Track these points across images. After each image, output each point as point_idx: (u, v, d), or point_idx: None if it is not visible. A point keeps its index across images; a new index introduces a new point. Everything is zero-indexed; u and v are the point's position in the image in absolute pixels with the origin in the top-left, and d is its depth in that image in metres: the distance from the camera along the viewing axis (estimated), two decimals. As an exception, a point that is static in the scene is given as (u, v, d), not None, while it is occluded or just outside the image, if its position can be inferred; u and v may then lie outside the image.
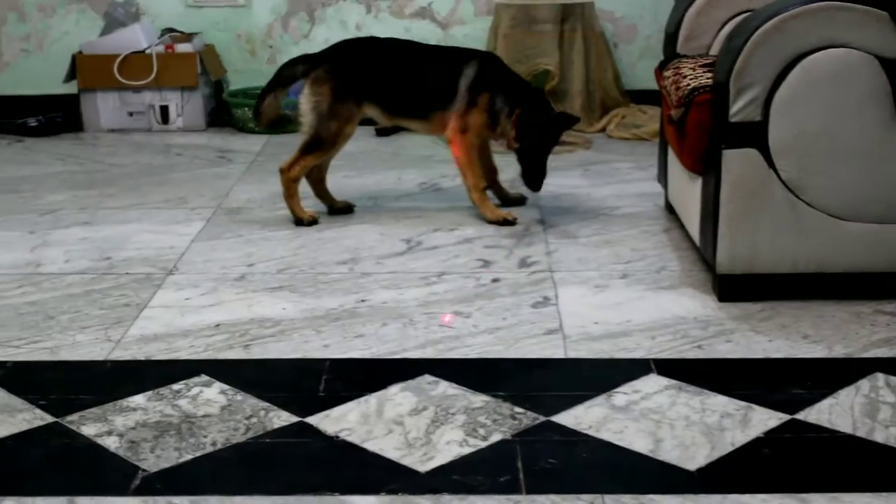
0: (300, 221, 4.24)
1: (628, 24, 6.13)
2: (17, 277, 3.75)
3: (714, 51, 4.02)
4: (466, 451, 2.56)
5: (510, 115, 4.22)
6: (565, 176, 4.94)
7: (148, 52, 5.90)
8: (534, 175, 4.27)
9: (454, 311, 3.38)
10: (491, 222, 4.23)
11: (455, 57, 4.35)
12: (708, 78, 3.55)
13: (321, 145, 4.25)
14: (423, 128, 4.47)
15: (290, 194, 4.26)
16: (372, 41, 4.49)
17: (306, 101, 4.28)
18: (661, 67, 4.05)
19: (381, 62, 4.32)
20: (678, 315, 3.34)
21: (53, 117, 6.08)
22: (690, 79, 3.63)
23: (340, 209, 4.42)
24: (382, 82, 4.29)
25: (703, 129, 3.47)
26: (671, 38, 4.15)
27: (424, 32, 6.16)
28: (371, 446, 2.59)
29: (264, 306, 3.46)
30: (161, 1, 6.19)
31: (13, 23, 6.23)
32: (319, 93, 4.26)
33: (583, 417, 2.70)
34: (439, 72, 4.29)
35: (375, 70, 4.30)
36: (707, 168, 3.47)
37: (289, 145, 5.56)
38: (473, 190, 4.30)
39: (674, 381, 2.87)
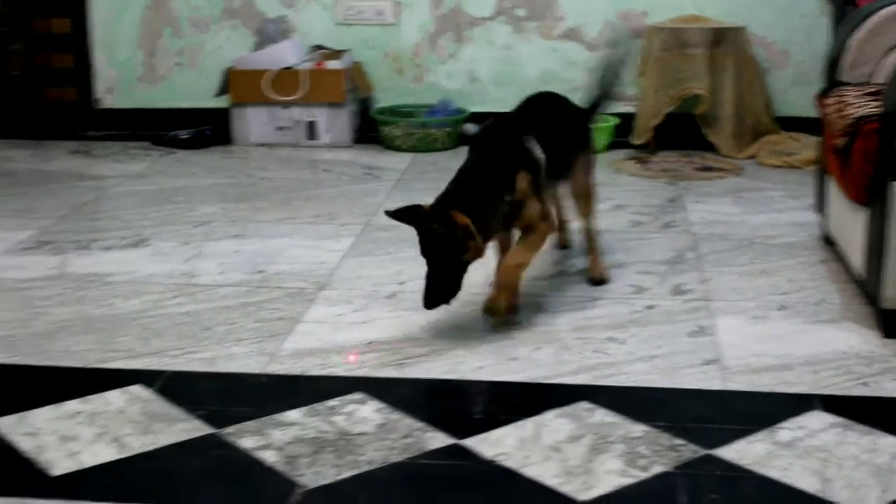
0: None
1: (781, 50, 6.01)
2: (173, 288, 3.81)
3: (879, 78, 3.92)
4: (627, 481, 2.51)
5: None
6: (717, 203, 4.86)
7: (298, 68, 5.97)
8: None
9: (608, 337, 3.34)
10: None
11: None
12: (875, 106, 3.45)
13: None
14: None
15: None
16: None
17: None
18: (823, 94, 3.96)
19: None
20: (840, 350, 3.25)
21: (203, 130, 6.18)
22: (856, 107, 3.53)
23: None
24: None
25: (869, 158, 3.37)
26: (832, 64, 4.05)
27: (572, 54, 6.13)
28: (529, 472, 2.55)
29: (416, 325, 3.45)
30: (311, 18, 6.26)
31: (168, 37, 6.36)
32: None
33: (745, 452, 2.63)
34: None
35: None
36: (872, 199, 3.37)
37: (436, 164, 5.61)
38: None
39: (840, 419, 2.78)
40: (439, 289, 3.27)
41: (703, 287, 3.77)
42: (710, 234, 4.38)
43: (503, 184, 3.34)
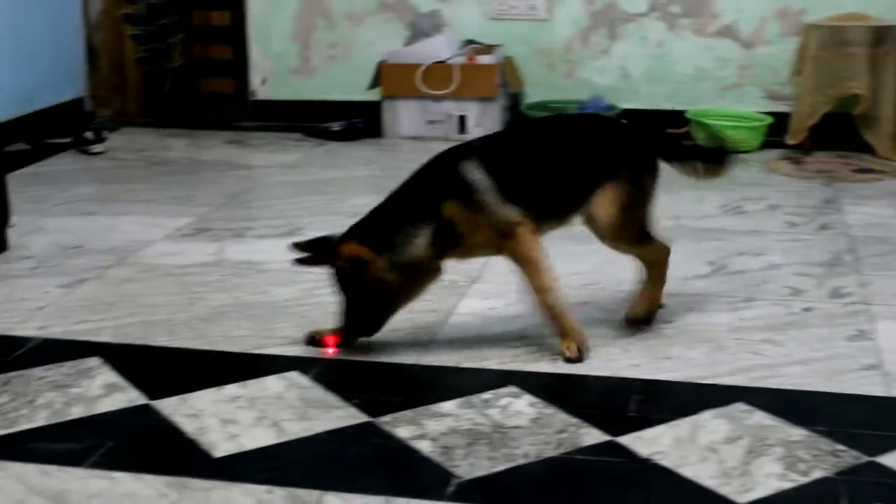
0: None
1: (945, 50, 5.84)
2: (326, 277, 3.85)
3: None
4: (787, 485, 2.47)
5: None
6: (875, 205, 4.75)
7: (450, 62, 6.00)
8: None
9: (764, 339, 3.28)
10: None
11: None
12: None
13: None
14: None
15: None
16: None
17: None
18: None
19: None
20: None
21: (354, 123, 6.26)
22: None
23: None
24: None
25: None
26: None
27: (726, 52, 6.04)
28: (686, 472, 2.53)
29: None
30: (464, 13, 6.29)
31: (322, 30, 6.45)
32: None
33: (909, 460, 2.57)
34: None
35: None
36: None
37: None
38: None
39: None
40: (356, 323, 3.21)
41: (863, 290, 3.68)
42: (869, 236, 4.28)
43: (422, 211, 3.16)
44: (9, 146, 5.31)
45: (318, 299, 3.63)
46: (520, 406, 2.87)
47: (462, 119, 6.05)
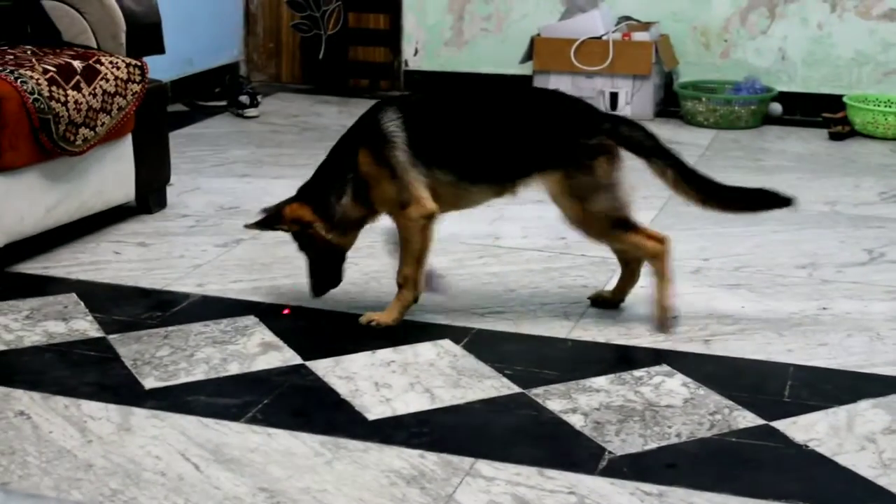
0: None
1: None
2: (478, 248, 3.88)
3: None
4: (948, 480, 2.41)
5: None
6: None
7: (605, 38, 5.95)
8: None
9: (924, 331, 3.21)
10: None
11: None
12: None
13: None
14: None
15: None
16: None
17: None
18: None
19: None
20: None
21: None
22: None
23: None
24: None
25: None
26: None
27: (890, 36, 5.89)
28: (842, 461, 2.48)
29: (722, 302, 3.41)
30: (620, -11, 6.24)
31: (477, 2, 6.46)
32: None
33: None
34: None
35: None
36: None
37: (738, 142, 5.51)
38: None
39: None
40: (319, 278, 3.28)
41: None
42: None
43: (345, 162, 3.18)
44: (169, 107, 5.43)
45: (471, 270, 3.66)
46: (672, 385, 2.85)
47: (614, 96, 6.00)
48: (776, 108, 5.97)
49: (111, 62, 3.85)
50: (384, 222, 3.28)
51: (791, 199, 3.17)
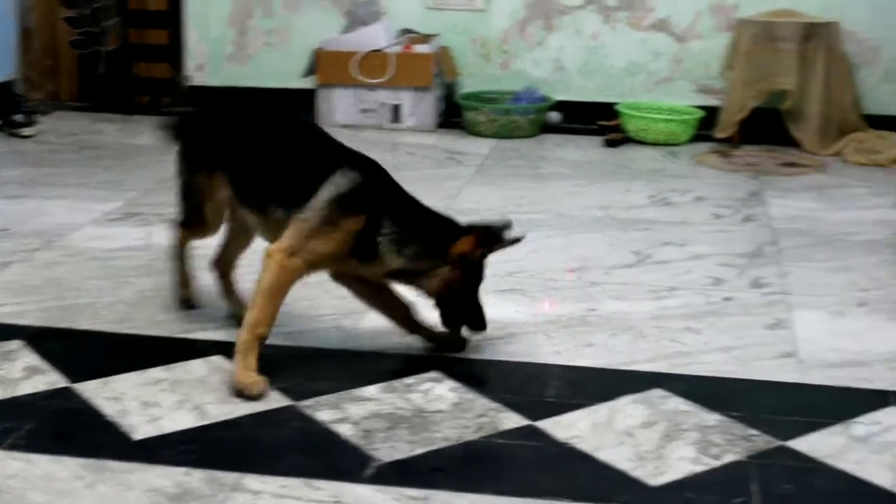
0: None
1: (872, 47, 5.94)
2: (256, 262, 3.85)
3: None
4: (699, 468, 2.52)
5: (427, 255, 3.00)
6: (798, 198, 4.83)
7: (386, 51, 6.01)
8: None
9: (685, 327, 3.34)
10: (236, 388, 2.87)
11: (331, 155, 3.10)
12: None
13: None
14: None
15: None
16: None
17: None
18: (914, 92, 3.92)
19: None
20: (920, 348, 3.23)
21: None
22: (947, 105, 3.50)
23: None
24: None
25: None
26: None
27: (659, 46, 6.11)
28: (602, 456, 2.57)
29: (495, 308, 3.45)
30: (401, 2, 6.30)
31: (259, 17, 6.44)
32: None
33: (819, 445, 2.63)
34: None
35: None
36: (960, 198, 3.34)
37: (517, 150, 5.63)
38: (247, 330, 2.91)
39: (917, 416, 2.77)
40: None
41: (782, 281, 3.75)
42: (791, 229, 4.36)
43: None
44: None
45: (248, 284, 3.63)
46: (441, 391, 2.90)
47: (396, 108, 6.06)
48: (554, 116, 6.12)
49: None
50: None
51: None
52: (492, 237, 3.01)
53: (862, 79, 5.93)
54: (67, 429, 2.69)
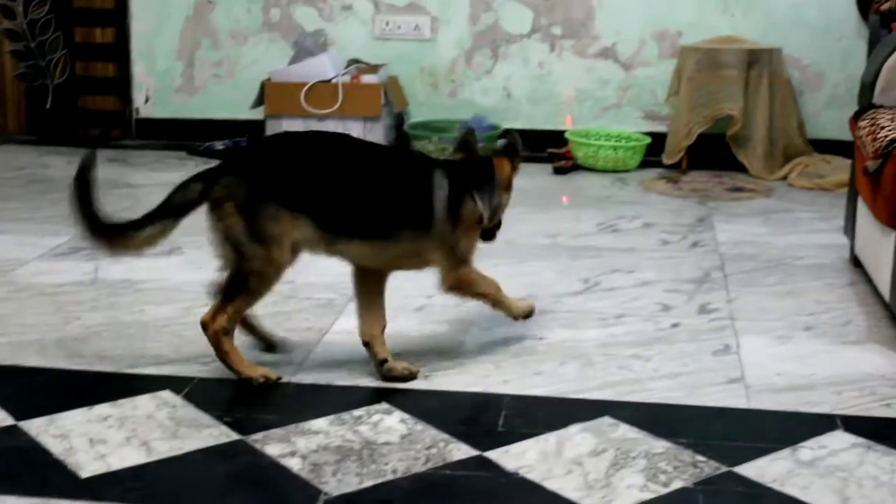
0: (250, 381, 3.12)
1: (816, 73, 6.02)
2: (204, 296, 3.84)
3: (912, 103, 3.93)
4: (647, 496, 2.53)
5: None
6: (745, 223, 4.88)
7: (334, 81, 6.02)
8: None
9: (633, 354, 3.36)
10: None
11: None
12: (906, 130, 3.47)
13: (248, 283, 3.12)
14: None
15: (225, 351, 3.13)
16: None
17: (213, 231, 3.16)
18: (857, 117, 3.97)
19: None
20: (865, 371, 3.26)
21: (239, 142, 6.26)
22: (889, 130, 3.55)
23: (273, 346, 3.35)
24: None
25: (899, 182, 3.38)
26: (867, 88, 4.06)
27: (606, 73, 6.16)
28: (550, 485, 2.57)
29: (444, 338, 3.49)
30: (349, 32, 6.33)
31: (207, 49, 6.44)
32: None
33: (766, 470, 2.65)
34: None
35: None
36: (902, 222, 3.38)
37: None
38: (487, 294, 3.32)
39: (861, 439, 2.80)
40: None
41: (730, 306, 3.78)
42: (738, 254, 4.40)
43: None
44: None
45: (196, 318, 3.61)
46: (391, 422, 2.89)
47: (346, 138, 6.06)
48: (503, 144, 6.12)
49: None
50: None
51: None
52: (514, 152, 3.51)
53: (806, 104, 6.02)
54: (13, 468, 2.65)
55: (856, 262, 4.15)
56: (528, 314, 3.41)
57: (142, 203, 5.14)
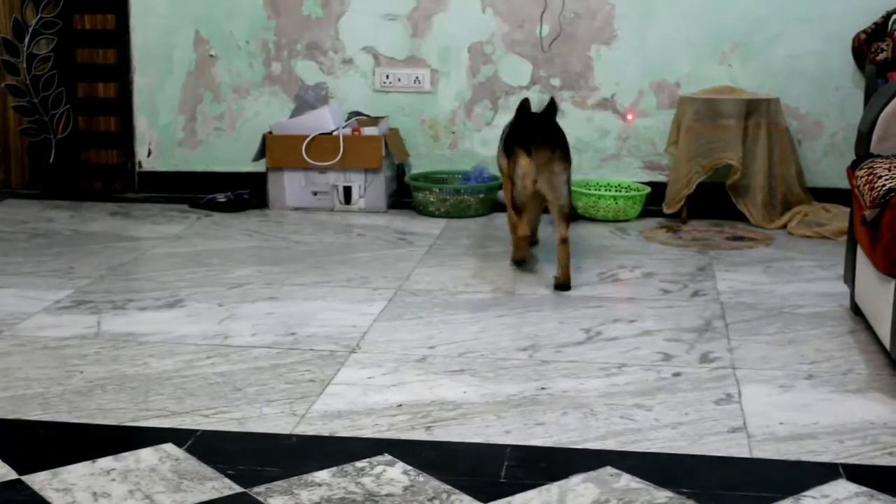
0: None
1: (814, 122, 6.06)
2: (206, 348, 3.87)
3: (909, 151, 3.95)
4: (650, 546, 2.53)
5: None
6: (747, 272, 4.89)
7: (335, 133, 6.06)
8: None
9: (635, 403, 3.36)
10: None
11: None
12: (903, 179, 3.49)
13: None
14: None
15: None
16: None
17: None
18: (854, 167, 4.00)
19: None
20: (867, 420, 3.26)
21: (241, 194, 6.29)
22: (886, 179, 3.57)
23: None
24: None
25: (897, 230, 3.40)
26: (864, 137, 4.09)
27: (605, 124, 6.20)
28: (553, 536, 2.58)
29: (445, 389, 3.49)
30: (349, 85, 6.37)
31: (209, 102, 6.48)
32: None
33: (769, 520, 2.65)
34: None
35: None
36: (900, 271, 3.40)
37: (468, 230, 5.67)
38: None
39: (864, 489, 2.80)
40: None
41: (731, 355, 3.79)
42: (739, 302, 4.41)
43: None
44: None
45: (199, 371, 3.64)
46: (393, 474, 2.90)
47: (347, 190, 6.11)
48: (504, 195, 6.16)
49: None
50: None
51: None
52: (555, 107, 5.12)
53: (805, 153, 6.05)
54: (16, 522, 2.67)
55: (856, 311, 4.16)
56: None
57: (144, 255, 5.20)
